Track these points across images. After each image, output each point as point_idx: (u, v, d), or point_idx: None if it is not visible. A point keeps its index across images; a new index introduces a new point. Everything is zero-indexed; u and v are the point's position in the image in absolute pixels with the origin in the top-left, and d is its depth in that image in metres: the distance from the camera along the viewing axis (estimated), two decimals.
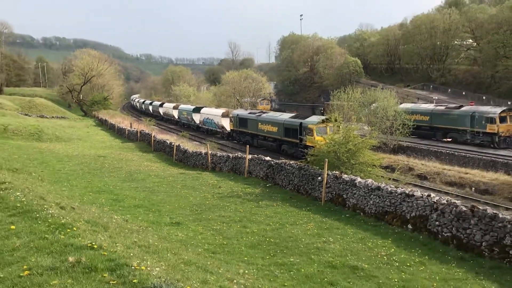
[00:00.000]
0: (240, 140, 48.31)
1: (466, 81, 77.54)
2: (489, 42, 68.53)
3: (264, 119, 42.65)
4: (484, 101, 65.40)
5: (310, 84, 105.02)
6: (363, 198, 15.83)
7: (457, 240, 12.44)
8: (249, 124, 45.27)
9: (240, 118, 47.52)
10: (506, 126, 41.35)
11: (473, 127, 42.89)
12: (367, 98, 46.44)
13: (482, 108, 44.71)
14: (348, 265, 11.18)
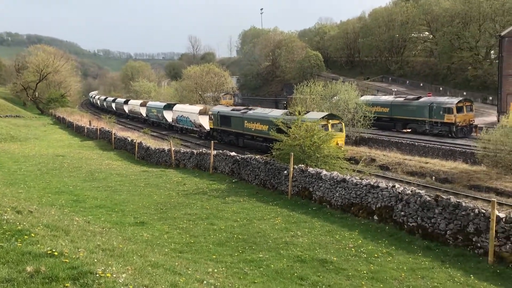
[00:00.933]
0: (222, 139, 43.71)
1: (423, 73, 79.65)
2: (444, 35, 70.53)
3: (251, 117, 38.56)
4: (441, 92, 67.37)
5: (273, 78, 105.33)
6: (329, 191, 15.88)
7: (423, 229, 12.64)
8: (233, 122, 41.09)
9: (222, 116, 43.04)
10: (463, 116, 42.70)
11: (432, 117, 44.04)
12: (328, 91, 46.86)
13: (440, 99, 45.98)
14: (317, 258, 11.15)
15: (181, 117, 53.52)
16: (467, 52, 66.98)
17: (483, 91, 64.11)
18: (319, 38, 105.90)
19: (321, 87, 47.84)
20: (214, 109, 45.56)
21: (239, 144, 40.27)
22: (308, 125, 19.42)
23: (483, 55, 68.38)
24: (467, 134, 42.75)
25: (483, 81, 65.23)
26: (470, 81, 67.12)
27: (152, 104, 66.96)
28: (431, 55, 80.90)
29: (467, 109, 43.47)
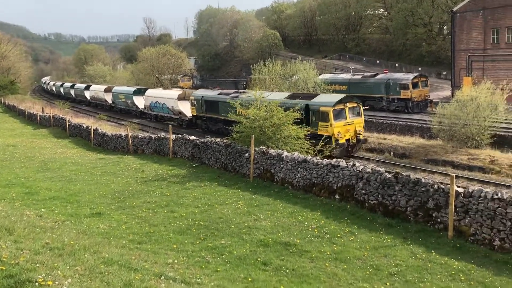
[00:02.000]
0: (208, 128, 38.15)
1: (379, 50, 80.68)
2: (398, 11, 71.41)
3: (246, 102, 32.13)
4: (397, 68, 68.53)
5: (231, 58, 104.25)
6: (290, 172, 15.74)
7: (383, 207, 12.70)
8: (222, 108, 34.96)
9: (207, 101, 37.27)
10: (418, 92, 43.57)
11: (388, 94, 44.73)
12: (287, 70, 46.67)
13: (396, 75, 46.71)
14: (280, 242, 11.01)
15: (156, 104, 47.23)
16: (421, 28, 68.15)
17: (437, 66, 65.62)
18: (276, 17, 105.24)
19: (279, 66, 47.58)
20: (197, 94, 39.63)
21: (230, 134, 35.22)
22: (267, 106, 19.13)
23: (437, 31, 69.82)
24: (422, 109, 43.72)
25: (437, 57, 66.72)
26: (425, 57, 68.51)
27: (119, 89, 59.77)
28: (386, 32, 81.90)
29: (422, 84, 44.36)
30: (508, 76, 40.98)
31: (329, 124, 24.75)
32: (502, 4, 42.16)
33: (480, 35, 44.99)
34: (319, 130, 24.96)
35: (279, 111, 18.83)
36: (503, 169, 22.97)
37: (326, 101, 25.80)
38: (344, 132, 24.91)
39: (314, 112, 25.78)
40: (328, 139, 23.33)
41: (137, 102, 52.70)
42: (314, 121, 25.62)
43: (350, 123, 25.28)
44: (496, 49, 43.51)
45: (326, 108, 25.03)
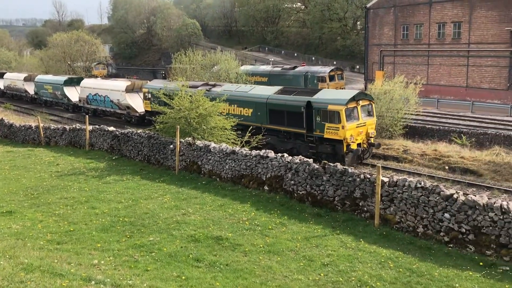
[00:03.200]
0: None
1: (297, 43, 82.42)
2: (315, 5, 73.31)
3: (227, 96, 24.48)
4: (313, 61, 70.45)
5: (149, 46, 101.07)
6: (218, 164, 15.43)
7: (312, 197, 12.84)
8: None
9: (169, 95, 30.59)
10: (335, 84, 45.05)
11: (307, 86, 45.78)
12: (208, 60, 46.07)
13: (314, 68, 47.98)
14: (211, 236, 10.70)
15: (96, 96, 39.93)
16: (337, 23, 70.55)
17: (351, 60, 68.39)
18: (195, 6, 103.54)
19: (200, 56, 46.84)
20: (153, 85, 31.95)
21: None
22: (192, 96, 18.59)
23: (351, 25, 72.69)
24: None
25: (351, 51, 69.49)
26: (340, 51, 71.09)
27: (44, 78, 50.02)
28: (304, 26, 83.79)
29: (338, 77, 45.99)
30: (416, 70, 43.75)
31: (341, 126, 20.30)
32: (411, 2, 44.71)
33: (391, 31, 47.42)
34: (326, 133, 20.82)
35: (205, 101, 18.38)
36: (415, 158, 24.38)
37: (336, 97, 21.21)
38: (356, 136, 20.89)
39: (318, 111, 21.13)
40: (338, 144, 20.35)
41: (69, 94, 44.63)
42: (319, 122, 21.14)
43: (363, 125, 21.35)
44: (406, 45, 46.13)
45: (336, 107, 20.43)
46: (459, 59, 40.76)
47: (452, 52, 41.30)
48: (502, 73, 37.37)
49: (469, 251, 9.90)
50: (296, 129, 22.26)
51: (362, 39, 57.19)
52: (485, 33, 38.17)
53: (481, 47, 38.58)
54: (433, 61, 43.35)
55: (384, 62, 48.55)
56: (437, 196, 10.51)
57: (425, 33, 43.48)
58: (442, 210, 10.40)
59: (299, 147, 22.10)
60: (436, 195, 10.53)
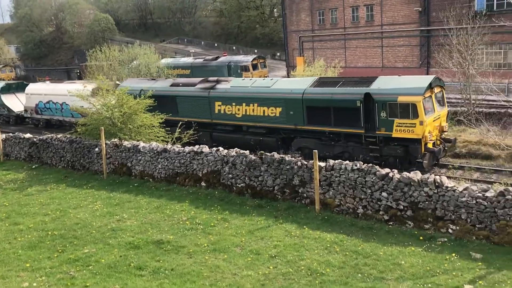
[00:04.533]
0: None
1: (216, 33, 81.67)
2: None
3: (240, 94, 20.53)
4: (234, 51, 70.20)
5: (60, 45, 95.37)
6: (150, 163, 14.77)
7: (251, 188, 12.64)
8: (185, 106, 22.49)
9: (159, 97, 21.86)
10: (258, 73, 45.15)
11: (231, 75, 45.48)
12: (126, 55, 44.29)
13: (236, 58, 47.74)
14: (151, 241, 10.18)
15: (48, 104, 32.57)
16: (254, 11, 70.72)
17: (272, 47, 68.97)
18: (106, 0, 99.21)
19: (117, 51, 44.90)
20: (131, 86, 24.14)
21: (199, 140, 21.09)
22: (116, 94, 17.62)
23: (268, 13, 73.23)
24: None
25: (270, 38, 70.03)
26: (260, 39, 71.41)
27: None
28: (221, 15, 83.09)
29: (261, 65, 46.16)
30: (335, 54, 44.95)
31: (418, 121, 16.07)
32: None
33: (308, 17, 48.24)
34: (396, 132, 16.55)
35: (129, 99, 17.49)
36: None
37: (408, 86, 16.62)
38: (433, 131, 17.03)
39: (384, 104, 16.54)
40: (412, 144, 16.35)
41: (9, 103, 36.46)
42: (384, 119, 16.70)
43: (437, 118, 17.32)
44: (322, 30, 47.17)
45: (411, 98, 16.02)
46: (374, 40, 42.35)
47: (366, 35, 42.81)
48: (414, 51, 39.35)
49: (409, 227, 10.21)
50: (348, 129, 17.43)
51: (281, 26, 57.79)
52: (396, 15, 39.91)
53: (393, 28, 40.32)
54: (350, 44, 44.73)
55: (303, 48, 49.36)
56: (373, 176, 10.72)
57: (340, 17, 44.68)
58: (379, 190, 10.63)
59: (353, 151, 17.64)
60: (372, 175, 10.73)
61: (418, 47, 38.60)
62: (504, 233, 9.06)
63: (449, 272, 8.14)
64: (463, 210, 9.53)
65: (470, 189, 9.62)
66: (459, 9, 30.74)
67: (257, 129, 19.95)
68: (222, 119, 21.01)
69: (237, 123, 20.57)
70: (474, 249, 8.99)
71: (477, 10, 31.76)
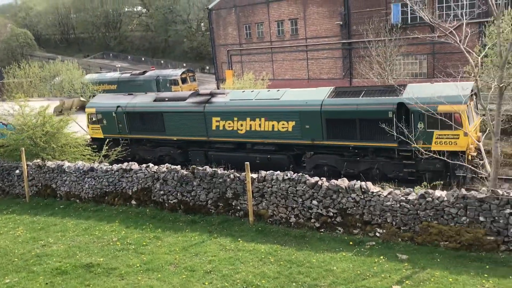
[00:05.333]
0: (135, 156, 21.67)
1: (143, 47, 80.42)
2: (157, 9, 72.35)
3: (243, 108, 18.80)
4: (162, 65, 69.43)
5: None
6: (76, 184, 14.14)
7: (184, 204, 12.47)
8: (173, 123, 20.43)
9: (135, 114, 21.55)
10: (188, 86, 44.87)
11: (160, 90, 44.86)
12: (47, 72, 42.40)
13: (165, 72, 47.24)
14: (80, 265, 9.72)
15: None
16: (181, 25, 70.47)
17: (200, 61, 69.01)
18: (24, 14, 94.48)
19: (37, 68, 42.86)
20: (104, 103, 23.07)
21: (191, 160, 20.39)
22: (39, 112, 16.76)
23: (196, 27, 73.24)
24: None
25: (199, 52, 70.08)
26: (188, 53, 71.23)
27: None
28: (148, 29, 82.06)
29: (191, 79, 45.97)
30: (263, 67, 45.76)
31: (462, 132, 14.85)
32: (250, 2, 46.54)
33: (235, 31, 48.81)
34: (435, 145, 15.16)
35: (51, 116, 16.71)
36: None
37: (448, 94, 14.70)
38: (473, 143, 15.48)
39: (421, 114, 15.05)
40: (453, 157, 14.72)
41: None
42: (422, 130, 15.33)
43: (475, 127, 16.13)
44: (250, 44, 47.91)
45: (454, 107, 14.26)
46: (299, 53, 43.64)
47: (292, 48, 44.04)
48: (338, 63, 41.00)
49: (339, 233, 10.53)
50: (378, 142, 15.78)
51: (209, 40, 57.97)
52: (319, 28, 41.44)
53: (316, 41, 41.81)
54: (277, 57, 45.76)
55: (232, 61, 49.80)
56: (303, 185, 10.96)
57: (266, 31, 45.63)
58: (310, 198, 10.88)
59: (383, 167, 16.03)
60: (302, 184, 10.97)
61: (341, 59, 40.26)
62: (426, 234, 9.60)
63: (378, 274, 8.48)
64: (389, 214, 10.00)
65: (394, 193, 10.12)
66: (377, 22, 32.54)
67: (264, 146, 18.29)
68: (220, 137, 19.12)
69: (240, 140, 18.71)
70: (400, 250, 9.44)
71: (393, 24, 33.76)
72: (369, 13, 36.00)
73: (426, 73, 34.66)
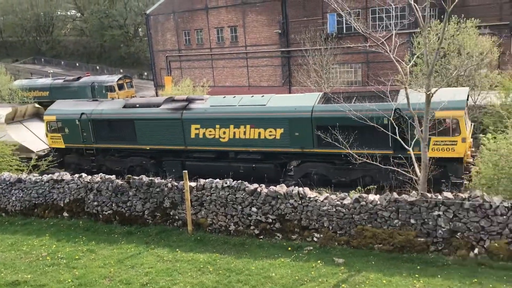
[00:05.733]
0: (102, 167, 20.31)
1: (77, 52, 77.54)
2: (92, 13, 70.09)
3: (226, 115, 17.72)
4: (98, 70, 67.26)
5: None
6: (2, 196, 13.30)
7: (120, 215, 12.06)
8: (147, 132, 18.93)
9: (102, 122, 19.88)
10: (125, 93, 43.72)
11: (95, 97, 43.36)
12: None
13: (101, 78, 45.75)
14: (5, 283, 9.11)
15: None
16: (118, 30, 68.64)
17: (138, 67, 67.49)
18: None
19: None
20: (66, 110, 21.06)
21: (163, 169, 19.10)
22: None
23: (133, 32, 71.65)
24: None
25: (137, 58, 68.53)
26: (125, 58, 69.45)
27: None
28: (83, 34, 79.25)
29: (128, 85, 44.81)
30: (203, 73, 45.52)
31: (460, 138, 14.47)
32: (189, 8, 46.20)
33: (174, 37, 48.21)
34: (432, 151, 14.52)
35: None
36: None
37: (446, 99, 13.76)
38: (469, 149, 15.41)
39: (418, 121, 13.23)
40: (450, 164, 14.58)
41: None
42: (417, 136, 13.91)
43: (470, 132, 15.78)
44: (189, 50, 47.51)
45: (452, 112, 14.21)
46: (239, 61, 43.82)
47: (232, 55, 44.16)
48: (277, 71, 41.55)
49: (278, 239, 10.58)
50: (372, 150, 14.82)
51: (147, 45, 56.89)
52: (258, 36, 41.85)
53: (256, 49, 42.20)
54: (217, 64, 45.69)
55: (171, 67, 49.15)
56: (243, 192, 10.93)
57: (206, 38, 45.46)
58: (249, 205, 10.87)
59: (377, 175, 15.34)
60: (242, 191, 10.94)
61: (280, 67, 40.87)
62: (361, 237, 9.85)
63: (316, 279, 8.58)
64: (325, 218, 10.17)
65: (330, 198, 10.32)
66: (314, 31, 33.36)
67: (249, 155, 17.24)
68: (200, 145, 17.90)
69: (222, 148, 17.62)
70: (336, 254, 9.62)
71: (329, 33, 34.75)
72: (306, 23, 36.86)
73: (361, 81, 35.92)
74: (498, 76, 19.58)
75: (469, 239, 9.12)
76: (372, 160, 12.47)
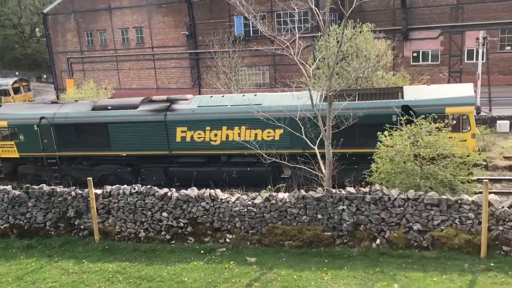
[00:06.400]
0: (66, 176, 18.17)
1: None
2: None
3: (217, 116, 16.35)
4: None
5: None
6: None
7: (18, 228, 11.22)
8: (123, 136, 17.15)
9: (67, 127, 17.69)
10: (22, 97, 40.77)
11: None
12: None
13: None
14: None
15: None
16: (12, 30, 63.85)
17: (36, 69, 63.28)
18: None
19: None
20: (21, 113, 18.50)
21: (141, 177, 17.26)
22: None
23: (29, 32, 67.04)
24: None
25: (34, 60, 64.18)
26: (21, 60, 64.71)
27: None
28: None
29: (25, 89, 41.84)
30: (107, 76, 43.78)
31: (469, 134, 14.20)
32: (91, 8, 44.21)
33: (75, 38, 45.87)
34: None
35: None
36: None
37: (455, 95, 14.20)
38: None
39: (426, 117, 12.56)
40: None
41: None
42: None
43: None
44: (92, 51, 45.47)
45: (462, 108, 14.05)
46: (146, 62, 42.79)
47: (138, 57, 43.00)
48: (186, 73, 41.16)
49: (190, 243, 10.48)
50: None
51: (45, 46, 53.53)
52: (165, 37, 41.17)
53: (163, 50, 41.49)
54: (122, 66, 44.21)
55: (73, 69, 46.72)
56: (152, 197, 10.68)
57: (110, 39, 43.82)
58: (159, 210, 10.64)
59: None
60: (151, 196, 10.68)
61: (189, 69, 40.59)
62: (272, 235, 10.07)
63: (229, 280, 8.62)
64: (237, 219, 10.26)
65: (241, 198, 10.43)
66: (222, 34, 33.54)
67: (244, 158, 16.01)
68: (187, 149, 16.45)
69: (213, 152, 16.30)
70: (249, 254, 9.74)
71: (236, 35, 35.13)
72: (214, 25, 36.97)
73: (268, 83, 36.77)
74: (393, 77, 21.07)
75: (371, 231, 9.70)
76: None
